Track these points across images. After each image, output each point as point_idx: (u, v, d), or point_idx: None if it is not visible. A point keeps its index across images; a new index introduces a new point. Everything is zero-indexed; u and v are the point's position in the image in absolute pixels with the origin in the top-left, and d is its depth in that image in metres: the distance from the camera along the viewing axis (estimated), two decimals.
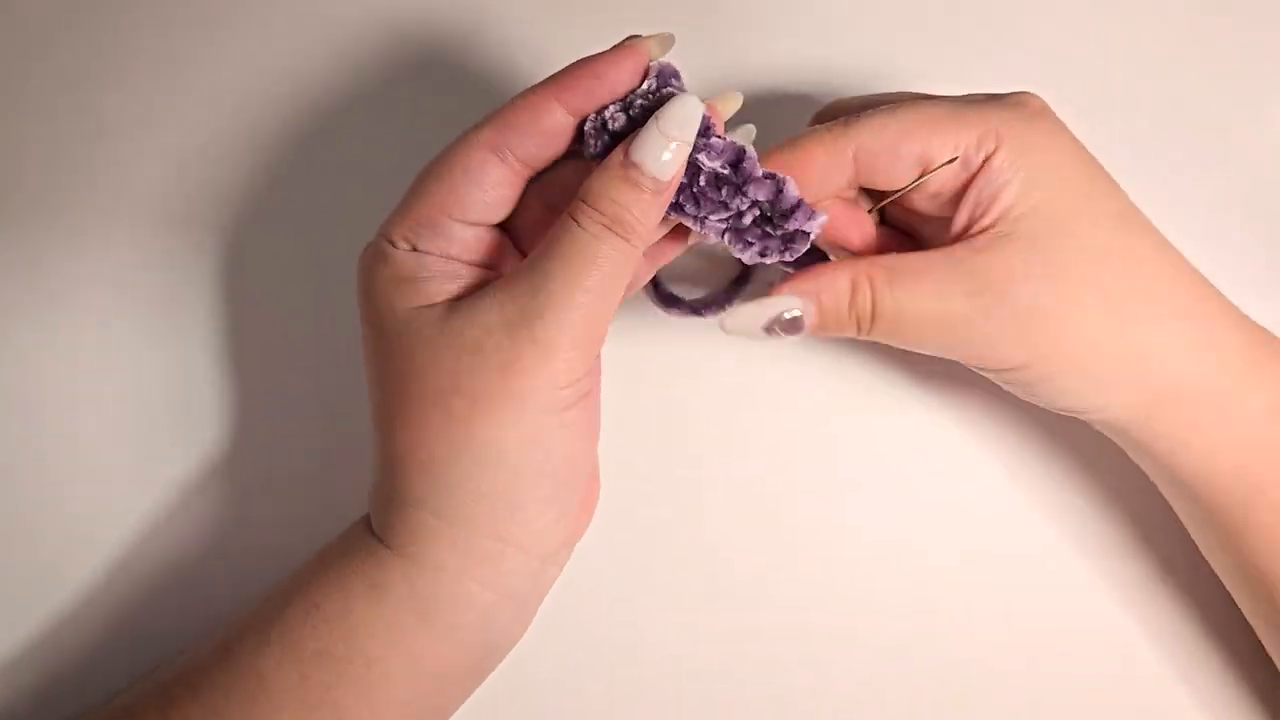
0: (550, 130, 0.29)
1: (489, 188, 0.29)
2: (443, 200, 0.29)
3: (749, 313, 0.30)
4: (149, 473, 0.37)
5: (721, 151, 0.29)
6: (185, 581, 0.37)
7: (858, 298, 0.30)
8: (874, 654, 0.37)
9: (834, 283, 0.30)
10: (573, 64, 0.29)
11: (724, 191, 0.29)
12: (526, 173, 0.30)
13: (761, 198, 0.29)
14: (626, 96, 0.29)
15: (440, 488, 0.28)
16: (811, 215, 0.29)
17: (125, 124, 0.39)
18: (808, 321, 0.30)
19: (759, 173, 0.29)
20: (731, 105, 0.31)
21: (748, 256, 0.30)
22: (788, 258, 0.30)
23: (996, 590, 0.37)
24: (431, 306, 0.29)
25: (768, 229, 0.30)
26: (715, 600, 0.37)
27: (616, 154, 0.28)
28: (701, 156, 0.29)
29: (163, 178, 0.39)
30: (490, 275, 0.30)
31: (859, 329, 0.31)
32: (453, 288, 0.29)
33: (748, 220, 0.30)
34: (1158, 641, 0.36)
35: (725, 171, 0.29)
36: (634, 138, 0.28)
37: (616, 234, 0.28)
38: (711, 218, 0.29)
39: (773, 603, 0.37)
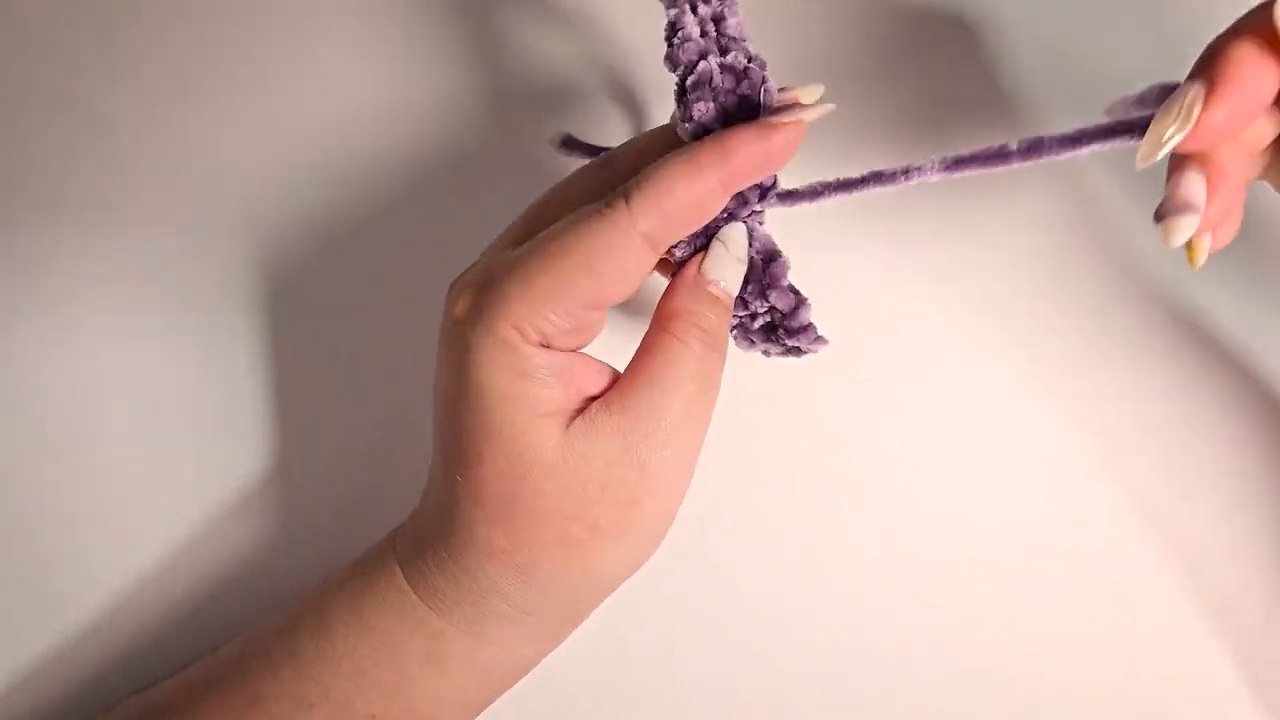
0: (709, 213, 0.27)
1: (637, 281, 0.27)
2: (588, 296, 0.27)
3: None
4: (161, 483, 0.37)
5: (764, 246, 0.29)
6: (198, 603, 0.36)
7: None
8: (879, 662, 0.36)
9: None
10: (740, 140, 0.26)
11: (749, 289, 0.29)
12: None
13: (780, 307, 0.29)
14: None
15: (535, 594, 0.28)
16: (817, 339, 0.30)
17: (129, 124, 0.39)
18: None
19: (785, 281, 0.29)
20: (814, 96, 0.29)
21: (749, 350, 0.31)
22: (790, 356, 0.31)
23: (1003, 598, 0.37)
24: (549, 418, 0.27)
25: (772, 335, 0.30)
26: (719, 608, 0.37)
27: (690, 272, 0.28)
28: (752, 250, 0.29)
29: (170, 178, 0.38)
30: (590, 367, 0.28)
31: None
32: (564, 396, 0.27)
33: (757, 325, 0.30)
34: (1163, 648, 0.36)
35: (767, 266, 0.29)
36: (706, 258, 0.29)
37: (713, 348, 0.28)
38: None
39: (778, 611, 0.37)
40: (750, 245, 0.29)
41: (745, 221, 0.29)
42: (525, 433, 0.27)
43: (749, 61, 0.28)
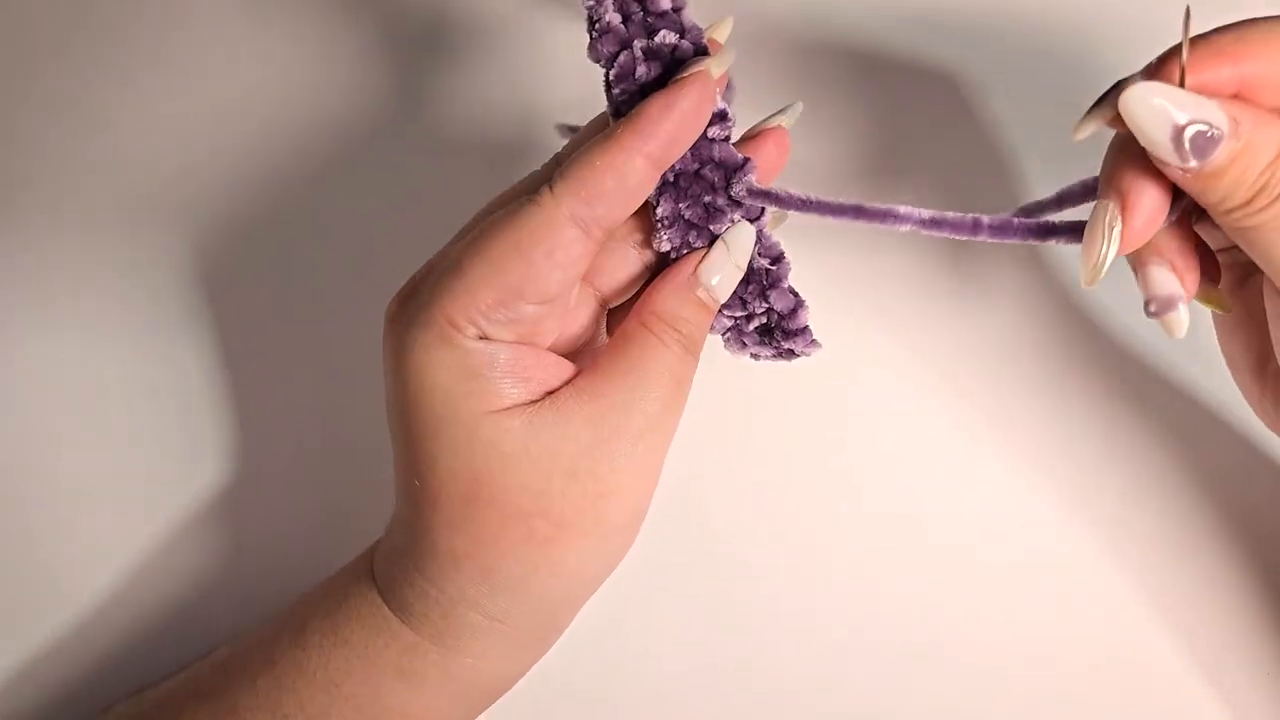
0: (637, 190, 0.26)
1: (570, 266, 0.26)
2: (519, 283, 0.26)
3: (1168, 96, 0.24)
4: (146, 489, 0.37)
5: (770, 248, 0.29)
6: (177, 613, 0.36)
7: None
8: (875, 663, 0.36)
9: (1264, 128, 0.24)
10: (652, 108, 0.26)
11: (749, 289, 0.29)
12: (605, 239, 0.27)
13: (779, 308, 0.29)
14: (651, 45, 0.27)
15: (502, 598, 0.27)
16: (811, 342, 0.29)
17: (129, 125, 0.39)
18: (1222, 150, 0.24)
19: (786, 283, 0.29)
20: (726, 30, 0.29)
21: (739, 354, 0.31)
22: (781, 360, 0.30)
23: (1004, 597, 0.36)
24: (508, 412, 0.26)
25: (767, 337, 0.30)
26: (718, 607, 0.36)
27: (684, 273, 0.28)
28: (754, 249, 0.29)
29: (166, 180, 0.38)
30: (551, 363, 0.28)
31: (1251, 202, 0.24)
32: (524, 390, 0.27)
33: (752, 326, 0.30)
34: (1155, 652, 0.36)
35: (772, 269, 0.29)
36: (704, 259, 0.28)
37: (690, 352, 0.28)
38: (724, 311, 0.29)
39: (777, 609, 0.36)
40: (756, 245, 0.29)
41: (754, 223, 0.29)
42: (478, 429, 0.26)
43: (681, 37, 0.27)
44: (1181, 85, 0.24)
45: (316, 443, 0.37)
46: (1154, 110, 0.23)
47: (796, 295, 0.29)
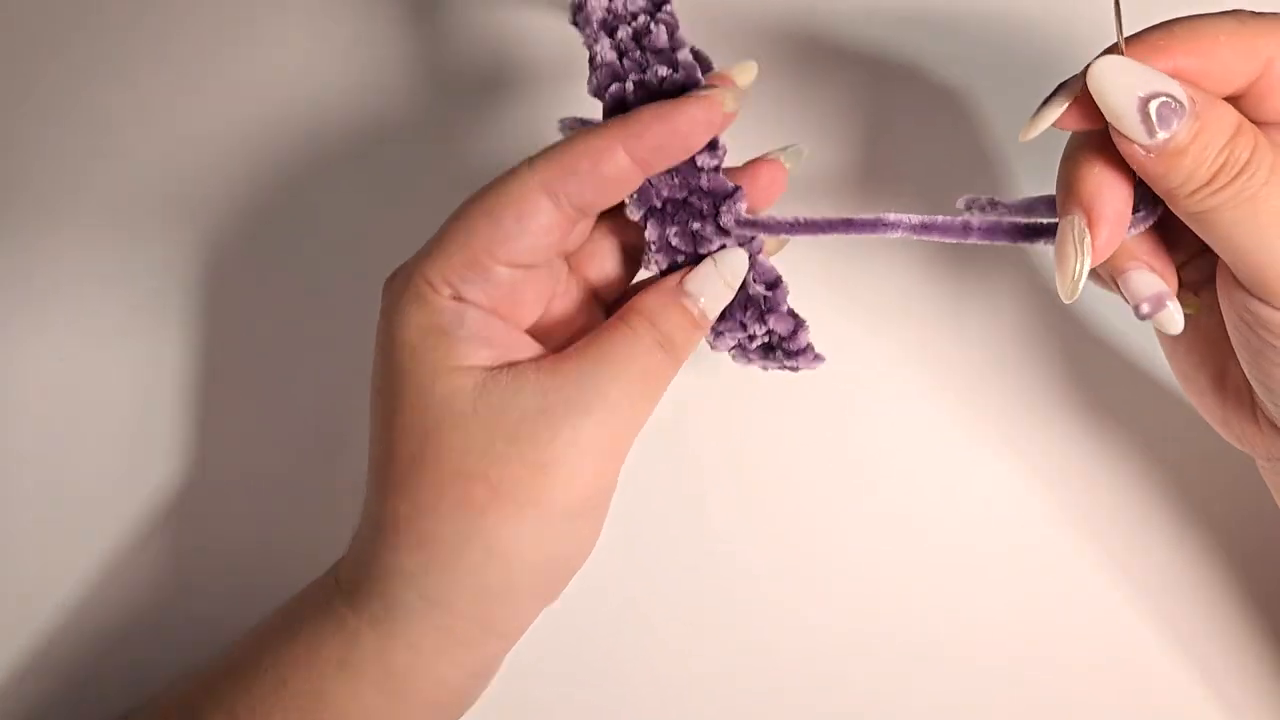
0: (611, 178, 0.27)
1: (539, 233, 0.27)
2: (489, 244, 0.27)
3: (1133, 70, 0.24)
4: (146, 489, 0.37)
5: (765, 273, 0.29)
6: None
7: (1240, 139, 0.25)
8: (880, 662, 0.36)
9: (1218, 107, 0.25)
10: (646, 111, 0.27)
11: (748, 313, 0.29)
12: (578, 218, 0.28)
13: (779, 331, 0.29)
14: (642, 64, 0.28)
15: (434, 571, 0.27)
16: (815, 358, 0.30)
17: (130, 125, 0.39)
18: (1184, 125, 0.24)
19: (785, 307, 0.29)
20: (748, 75, 0.29)
21: (747, 365, 0.31)
22: (787, 371, 0.31)
23: (1003, 597, 0.36)
24: (466, 371, 0.27)
25: (770, 354, 0.30)
26: (718, 606, 0.36)
27: (671, 281, 0.29)
28: (749, 275, 0.29)
29: (162, 180, 0.38)
30: (522, 340, 0.28)
31: (1212, 181, 0.25)
32: (487, 355, 0.27)
33: (755, 345, 0.30)
34: (1155, 652, 0.36)
35: (768, 294, 0.29)
36: (690, 271, 0.28)
37: (666, 351, 0.28)
38: (727, 334, 0.30)
39: (778, 609, 0.36)
40: (750, 270, 0.29)
41: (747, 248, 0.29)
42: (434, 384, 0.27)
43: (673, 72, 0.28)
44: None
45: (315, 444, 0.37)
46: (1120, 82, 0.24)
47: (796, 317, 0.29)
